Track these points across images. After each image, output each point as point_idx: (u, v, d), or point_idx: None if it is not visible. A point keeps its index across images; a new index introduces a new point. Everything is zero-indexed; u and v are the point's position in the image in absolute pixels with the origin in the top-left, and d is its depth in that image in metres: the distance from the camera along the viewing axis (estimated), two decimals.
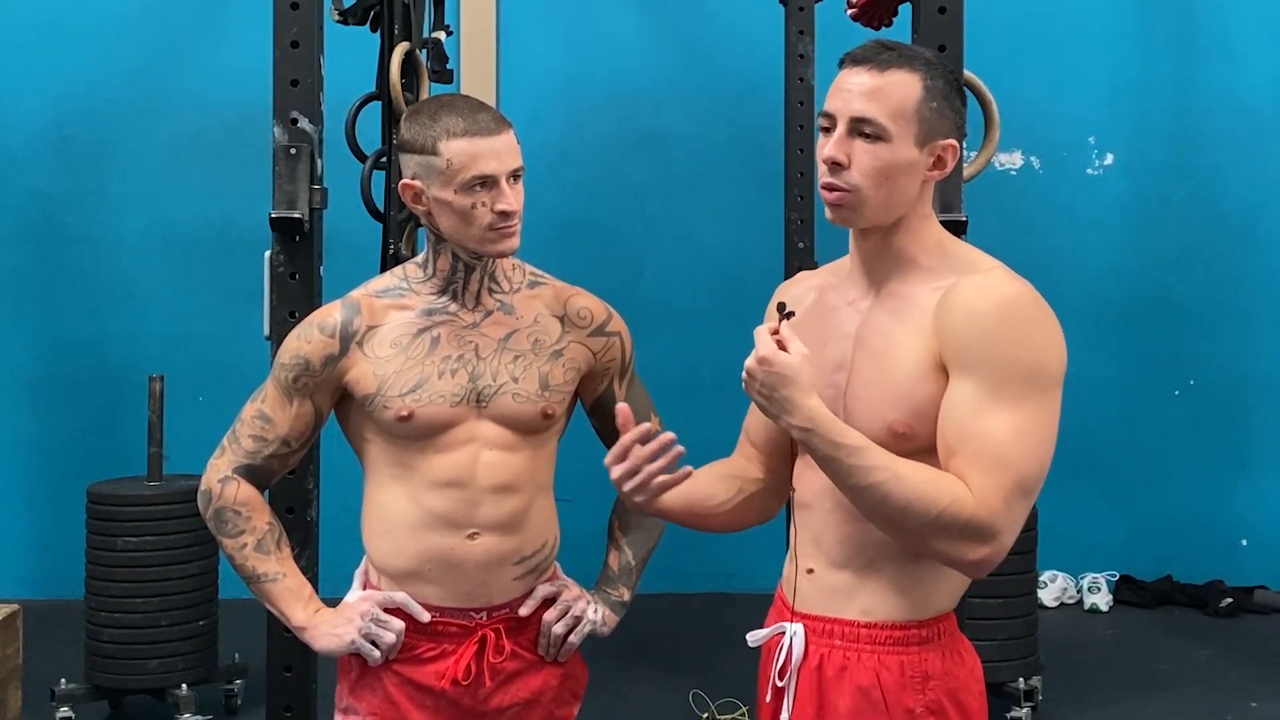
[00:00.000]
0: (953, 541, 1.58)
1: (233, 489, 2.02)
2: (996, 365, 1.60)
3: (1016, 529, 1.60)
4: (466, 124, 1.92)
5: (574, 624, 2.07)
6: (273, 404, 2.02)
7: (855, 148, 1.67)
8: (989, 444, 1.59)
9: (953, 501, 1.57)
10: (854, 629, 1.73)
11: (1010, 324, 1.62)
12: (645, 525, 2.19)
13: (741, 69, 5.55)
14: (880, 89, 1.66)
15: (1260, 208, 5.74)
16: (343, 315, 2.01)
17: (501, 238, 1.95)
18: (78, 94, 5.56)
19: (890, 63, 1.67)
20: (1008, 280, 1.66)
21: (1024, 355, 1.61)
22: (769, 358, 1.61)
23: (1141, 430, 5.73)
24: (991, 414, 1.60)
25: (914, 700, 1.71)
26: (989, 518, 1.57)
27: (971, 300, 1.64)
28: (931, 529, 1.58)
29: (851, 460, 1.59)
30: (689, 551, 5.06)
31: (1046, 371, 1.62)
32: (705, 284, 5.65)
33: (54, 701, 3.94)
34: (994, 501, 1.58)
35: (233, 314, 5.35)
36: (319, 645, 2.02)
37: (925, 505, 1.57)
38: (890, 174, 1.67)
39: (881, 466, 1.59)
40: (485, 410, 1.99)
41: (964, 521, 1.57)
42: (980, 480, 1.58)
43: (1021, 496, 1.60)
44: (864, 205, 1.68)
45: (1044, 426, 1.62)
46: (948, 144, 1.70)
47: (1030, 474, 1.60)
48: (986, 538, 1.58)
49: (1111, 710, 4.23)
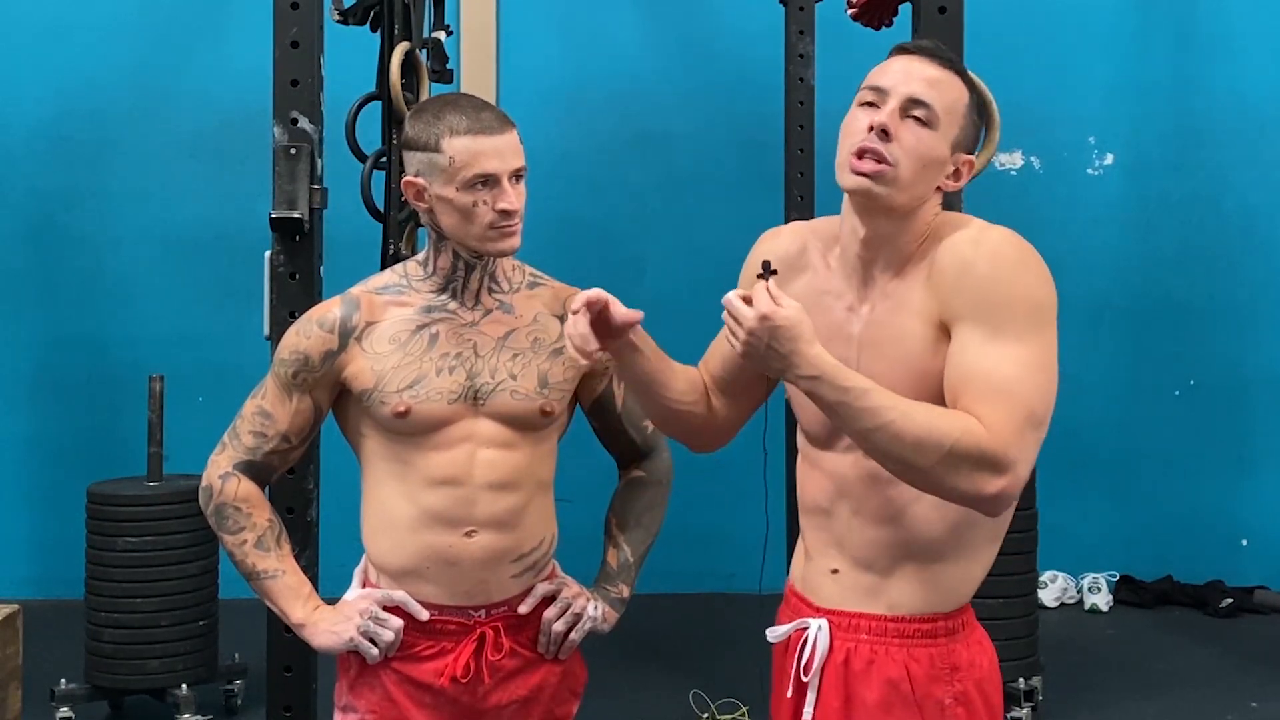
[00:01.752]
0: (968, 474, 1.56)
1: (233, 485, 2.03)
2: (993, 307, 1.62)
3: (1030, 460, 1.60)
4: (470, 122, 1.93)
5: (574, 621, 2.07)
6: (272, 400, 2.03)
7: (903, 127, 1.67)
8: (995, 378, 1.59)
9: (965, 433, 1.56)
10: (881, 623, 1.74)
11: (1000, 266, 1.65)
12: (643, 523, 2.19)
13: (742, 69, 5.56)
14: (941, 81, 1.69)
15: (1260, 208, 5.74)
16: (342, 311, 2.01)
17: (502, 237, 1.95)
18: (78, 94, 5.57)
19: (950, 64, 1.72)
20: (989, 227, 1.70)
21: (1018, 293, 1.63)
22: (770, 314, 1.59)
23: (1141, 430, 5.73)
24: (994, 351, 1.61)
25: (943, 691, 1.73)
26: (1003, 447, 1.56)
27: (960, 253, 1.67)
28: (946, 463, 1.56)
29: (861, 403, 1.58)
30: (689, 551, 5.07)
31: (1041, 308, 1.65)
32: (705, 284, 5.62)
33: (54, 701, 3.94)
34: (1006, 431, 1.57)
35: (233, 314, 5.35)
36: (317, 643, 2.02)
37: (938, 438, 1.56)
38: (928, 162, 1.68)
39: (890, 406, 1.58)
40: (483, 408, 2.00)
41: (978, 452, 1.56)
42: (990, 412, 1.57)
43: (1032, 427, 1.59)
44: (897, 183, 1.67)
45: (1046, 359, 1.63)
46: (968, 159, 1.74)
47: (1039, 404, 1.60)
48: (1002, 467, 1.56)
49: (1111, 710, 4.23)
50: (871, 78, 1.72)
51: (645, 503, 2.20)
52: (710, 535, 5.38)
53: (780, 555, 4.02)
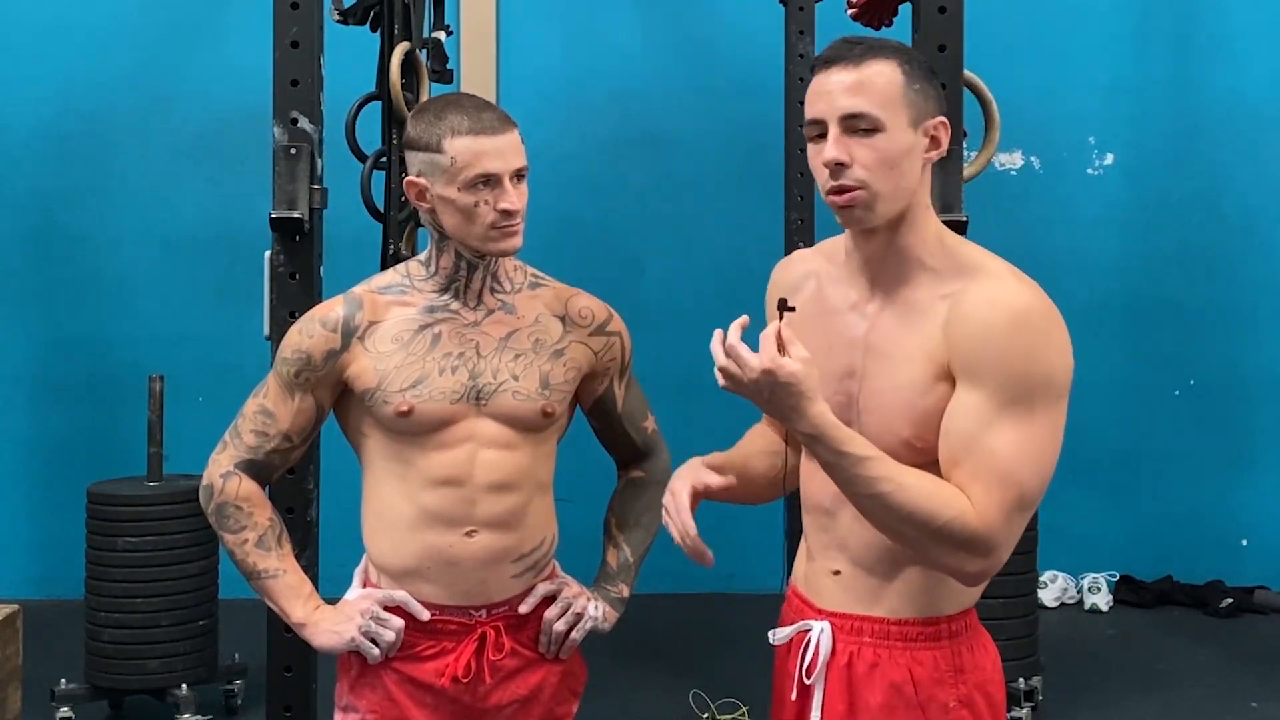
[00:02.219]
0: (951, 552, 1.61)
1: (234, 484, 2.03)
2: (1006, 378, 1.60)
3: (1013, 543, 1.63)
4: (471, 122, 1.93)
5: (575, 621, 2.08)
6: (274, 399, 2.03)
7: (853, 145, 1.64)
8: (994, 459, 1.60)
9: (955, 515, 1.59)
10: (884, 626, 1.74)
11: (1022, 336, 1.61)
12: (642, 523, 2.20)
13: (741, 69, 5.55)
14: (863, 82, 1.64)
15: (1260, 208, 5.74)
16: (345, 310, 2.01)
17: (504, 236, 1.95)
18: (78, 94, 5.57)
19: (864, 55, 1.66)
20: (1018, 288, 1.65)
21: (1033, 369, 1.61)
22: (774, 369, 1.58)
23: (1141, 430, 5.73)
24: (998, 428, 1.60)
25: (947, 694, 1.73)
26: (988, 533, 1.60)
27: (983, 312, 1.63)
28: (932, 540, 1.60)
29: (856, 469, 1.60)
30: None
31: (1054, 383, 1.63)
32: (705, 284, 5.65)
33: (54, 701, 3.94)
34: (994, 517, 1.59)
35: (233, 314, 5.35)
36: (318, 642, 2.02)
37: (927, 516, 1.59)
38: (893, 162, 1.65)
39: (886, 477, 1.59)
40: (484, 408, 2.00)
41: (965, 536, 1.59)
42: (982, 495, 1.60)
43: (1021, 511, 1.62)
44: (876, 200, 1.66)
45: (1048, 440, 1.63)
46: (938, 121, 1.69)
47: (1032, 489, 1.62)
48: (984, 551, 1.61)
49: (1111, 710, 4.23)
50: (807, 110, 1.69)
51: (645, 503, 2.20)
52: (710, 535, 5.35)
53: (780, 556, 4.02)
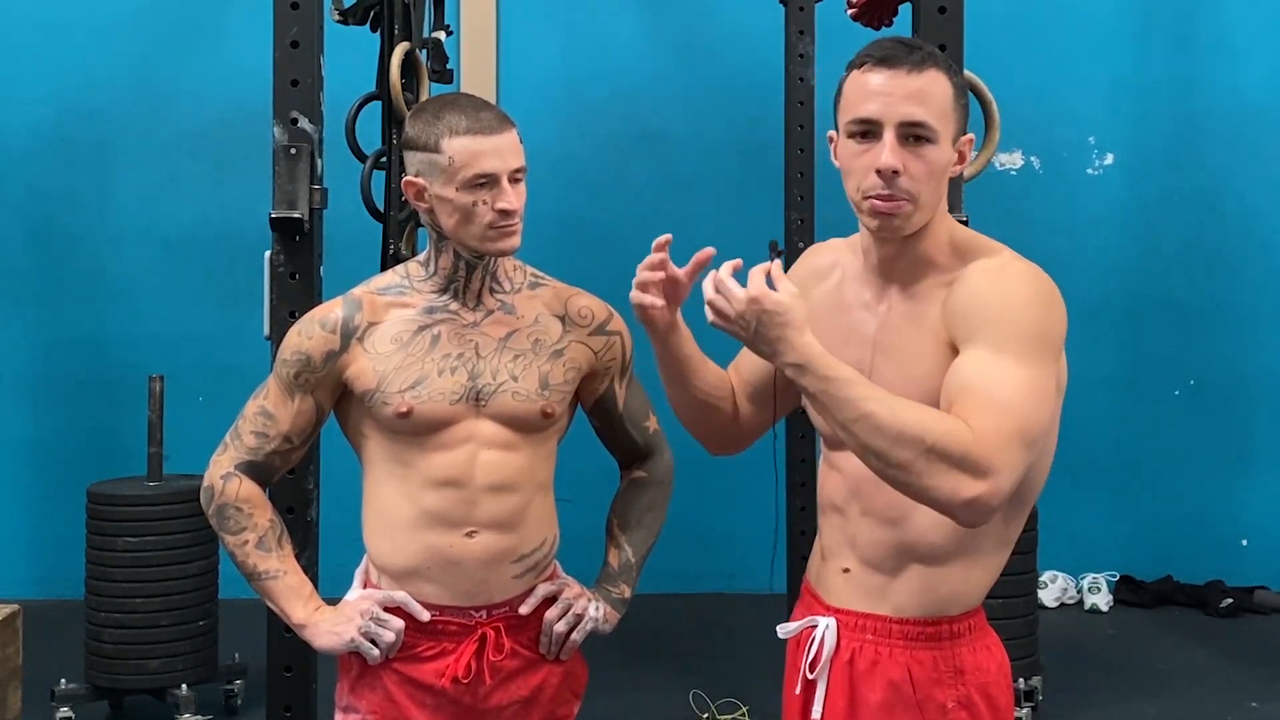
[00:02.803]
0: (947, 473, 1.50)
1: (235, 485, 2.03)
2: (1001, 328, 1.60)
3: (1015, 474, 1.54)
4: (469, 122, 1.93)
5: (576, 622, 2.07)
6: (274, 400, 2.03)
7: (905, 154, 1.62)
8: (993, 391, 1.56)
9: (949, 431, 1.51)
10: (886, 624, 1.74)
11: (1013, 294, 1.63)
12: (644, 523, 2.19)
13: (741, 69, 5.55)
14: (924, 91, 1.62)
15: (1260, 207, 5.74)
16: (344, 311, 2.01)
17: (502, 236, 1.95)
18: (78, 94, 5.57)
19: (924, 62, 1.64)
20: (1012, 260, 1.68)
21: (1028, 320, 1.62)
22: (760, 296, 1.58)
23: (1141, 430, 5.73)
24: (995, 367, 1.57)
25: (946, 695, 1.72)
26: (987, 452, 1.50)
27: (977, 280, 1.66)
28: (925, 459, 1.50)
29: (843, 392, 1.54)
30: (689, 551, 5.07)
31: (1047, 337, 1.62)
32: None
33: (54, 701, 3.94)
34: (994, 439, 1.51)
35: (233, 314, 5.35)
36: (318, 643, 2.02)
37: (919, 432, 1.51)
38: (940, 176, 1.67)
39: (873, 397, 1.54)
40: (484, 409, 2.00)
41: (960, 452, 1.50)
42: (980, 419, 1.53)
43: (1022, 444, 1.54)
44: (919, 212, 1.66)
45: (1046, 385, 1.60)
46: (968, 138, 1.71)
47: (1032, 424, 1.56)
48: (982, 472, 1.50)
49: (1111, 710, 4.23)
50: (854, 106, 1.66)
51: (646, 503, 2.20)
52: (710, 535, 5.38)
53: (780, 556, 4.02)
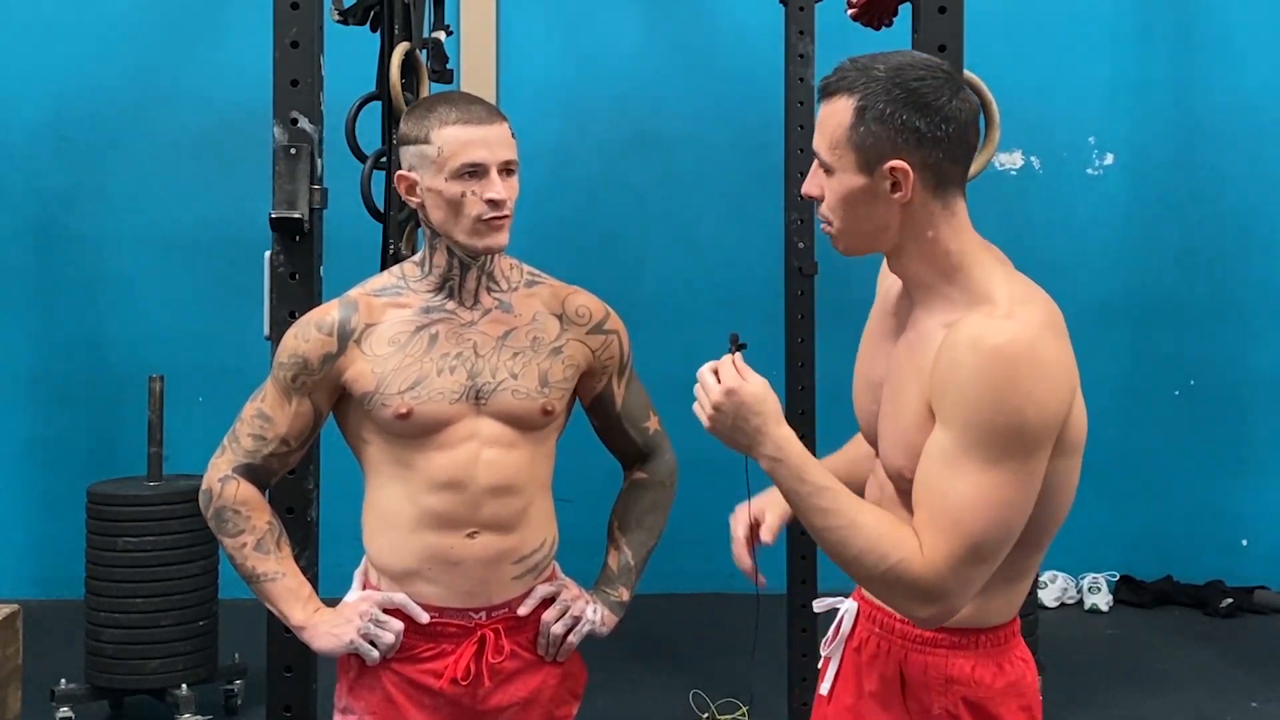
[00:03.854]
0: (899, 597, 1.57)
1: (233, 488, 2.02)
2: (972, 423, 1.52)
3: (966, 591, 1.56)
4: (459, 113, 1.94)
5: (573, 624, 2.07)
6: (272, 403, 2.02)
7: (822, 180, 1.64)
8: (948, 504, 1.54)
9: (900, 560, 1.54)
10: (891, 620, 1.76)
11: (989, 380, 1.51)
12: (645, 525, 2.19)
13: (741, 69, 5.55)
14: (822, 120, 1.63)
15: (1260, 208, 5.74)
16: (340, 313, 2.00)
17: (490, 231, 1.94)
18: (78, 94, 5.57)
19: (833, 89, 1.62)
20: (1005, 327, 1.54)
21: (1000, 417, 1.51)
22: (736, 388, 1.59)
23: (1141, 430, 5.73)
24: (957, 472, 1.53)
25: (933, 701, 1.71)
26: (937, 581, 1.54)
27: (961, 350, 1.54)
28: (882, 581, 1.57)
29: (813, 500, 1.58)
30: (689, 551, 5.07)
31: (1025, 435, 1.52)
32: (705, 284, 5.65)
33: (54, 701, 3.94)
34: (941, 565, 1.53)
35: (233, 314, 5.35)
36: (317, 645, 2.02)
37: (875, 559, 1.55)
38: (847, 203, 1.62)
39: (840, 512, 1.57)
40: (484, 407, 1.99)
41: (909, 581, 1.54)
42: (931, 540, 1.54)
43: (974, 561, 1.54)
44: (841, 235, 1.66)
45: (1013, 493, 1.54)
46: (894, 165, 1.58)
47: (988, 540, 1.54)
48: (933, 599, 1.55)
49: (1111, 710, 4.23)
50: None
51: (648, 505, 2.20)
52: (710, 535, 5.34)
53: (779, 556, 4.02)
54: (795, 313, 4.02)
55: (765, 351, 4.87)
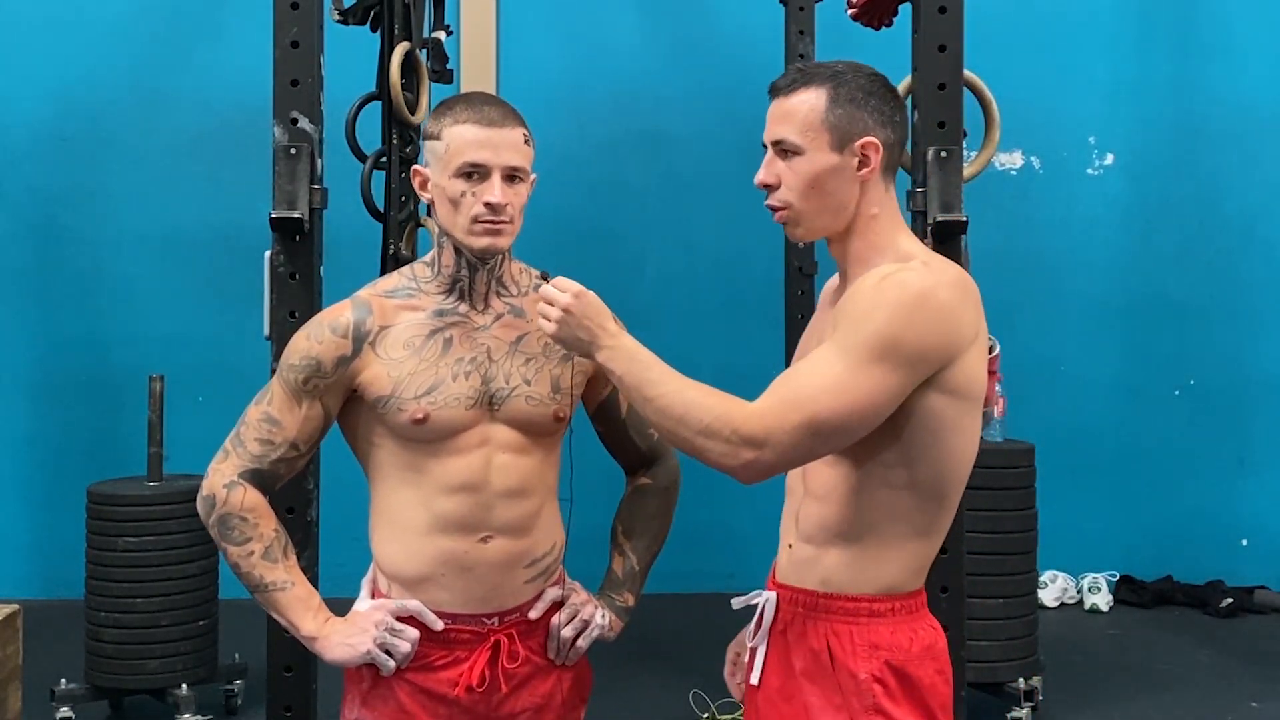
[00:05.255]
0: (719, 443, 1.67)
1: (239, 494, 1.97)
2: (850, 328, 1.69)
3: (788, 453, 1.68)
4: (472, 113, 1.93)
5: (582, 627, 2.06)
6: (280, 406, 1.98)
7: (781, 168, 1.83)
8: (798, 382, 1.70)
9: (726, 411, 1.68)
10: (813, 598, 1.84)
11: (881, 301, 1.69)
12: (650, 532, 2.18)
13: (742, 69, 5.55)
14: (788, 110, 1.83)
15: (1260, 208, 5.74)
16: (355, 315, 1.97)
17: (485, 232, 1.92)
18: (78, 94, 5.57)
19: (796, 85, 1.84)
20: (912, 270, 1.73)
21: (881, 328, 1.67)
22: (584, 292, 1.80)
23: (1141, 430, 5.73)
24: (820, 363, 1.70)
25: (859, 667, 1.79)
26: (761, 430, 1.66)
27: (860, 283, 1.75)
28: (704, 433, 1.68)
29: (646, 374, 1.75)
30: (689, 551, 5.06)
31: (900, 347, 1.67)
32: (705, 284, 5.65)
33: (54, 701, 3.94)
34: (769, 417, 1.67)
35: (233, 314, 5.35)
36: (331, 656, 1.96)
37: (701, 411, 1.69)
38: (815, 183, 1.81)
39: (669, 380, 1.74)
40: (498, 413, 1.97)
41: (733, 427, 1.67)
42: (766, 401, 1.69)
43: (809, 432, 1.67)
44: (801, 216, 1.83)
45: (866, 395, 1.67)
46: (866, 141, 1.79)
47: (827, 419, 1.67)
48: (753, 444, 1.67)
49: (1111, 710, 4.23)
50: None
51: (652, 510, 2.19)
52: (710, 535, 5.38)
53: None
54: (795, 313, 4.03)
55: (765, 351, 4.90)
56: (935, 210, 2.90)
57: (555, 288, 1.82)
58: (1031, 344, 5.32)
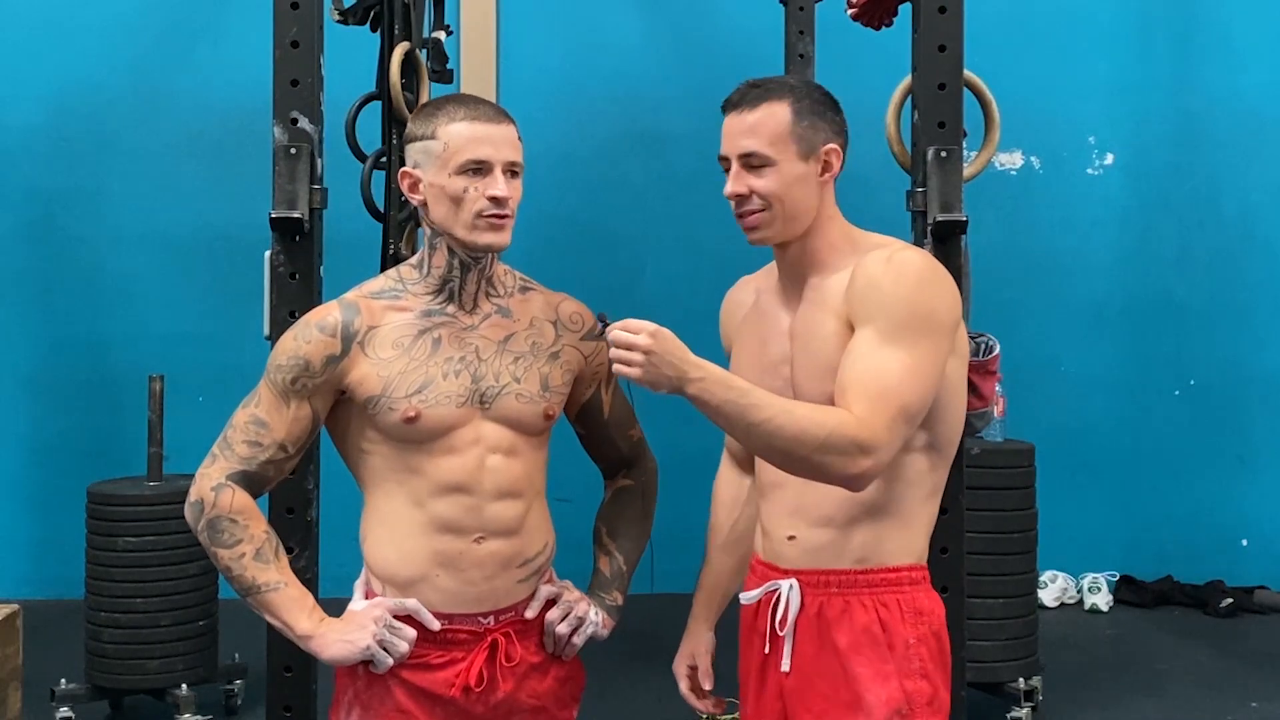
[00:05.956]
0: (837, 456, 1.77)
1: (228, 497, 1.95)
2: (890, 315, 1.82)
3: (892, 447, 1.80)
4: (467, 110, 1.94)
5: (577, 624, 2.06)
6: (268, 408, 1.97)
7: (751, 178, 1.93)
8: (879, 378, 1.79)
9: (839, 424, 1.77)
10: (851, 576, 1.94)
11: (903, 280, 1.84)
12: (633, 533, 2.19)
13: (742, 69, 5.52)
14: (753, 124, 1.93)
15: (1260, 207, 5.74)
16: (343, 315, 1.97)
17: (490, 228, 1.93)
18: (78, 93, 5.57)
19: (759, 99, 1.94)
20: (904, 248, 1.91)
21: (915, 307, 1.83)
22: (659, 330, 1.79)
23: (1141, 430, 5.73)
24: (884, 354, 1.80)
25: (910, 633, 1.93)
26: (871, 436, 1.77)
27: (871, 267, 1.87)
28: (821, 448, 1.76)
29: (745, 400, 1.78)
30: (689, 551, 5.06)
31: (936, 318, 1.84)
32: (705, 284, 5.64)
33: (54, 701, 3.94)
34: (876, 423, 1.77)
35: (233, 314, 5.35)
36: (329, 654, 1.95)
37: (815, 428, 1.76)
38: (786, 190, 1.93)
39: (771, 404, 1.79)
40: (488, 412, 1.98)
41: (849, 439, 1.76)
42: (866, 406, 1.78)
43: (904, 422, 1.81)
44: (775, 220, 1.94)
45: (930, 366, 1.83)
46: (828, 148, 1.95)
47: (913, 403, 1.81)
48: (869, 451, 1.77)
49: (1111, 710, 4.23)
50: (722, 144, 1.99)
51: (635, 512, 2.20)
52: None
53: None
54: None
55: None
56: (935, 210, 2.89)
57: (625, 330, 1.78)
58: (1031, 344, 5.33)
